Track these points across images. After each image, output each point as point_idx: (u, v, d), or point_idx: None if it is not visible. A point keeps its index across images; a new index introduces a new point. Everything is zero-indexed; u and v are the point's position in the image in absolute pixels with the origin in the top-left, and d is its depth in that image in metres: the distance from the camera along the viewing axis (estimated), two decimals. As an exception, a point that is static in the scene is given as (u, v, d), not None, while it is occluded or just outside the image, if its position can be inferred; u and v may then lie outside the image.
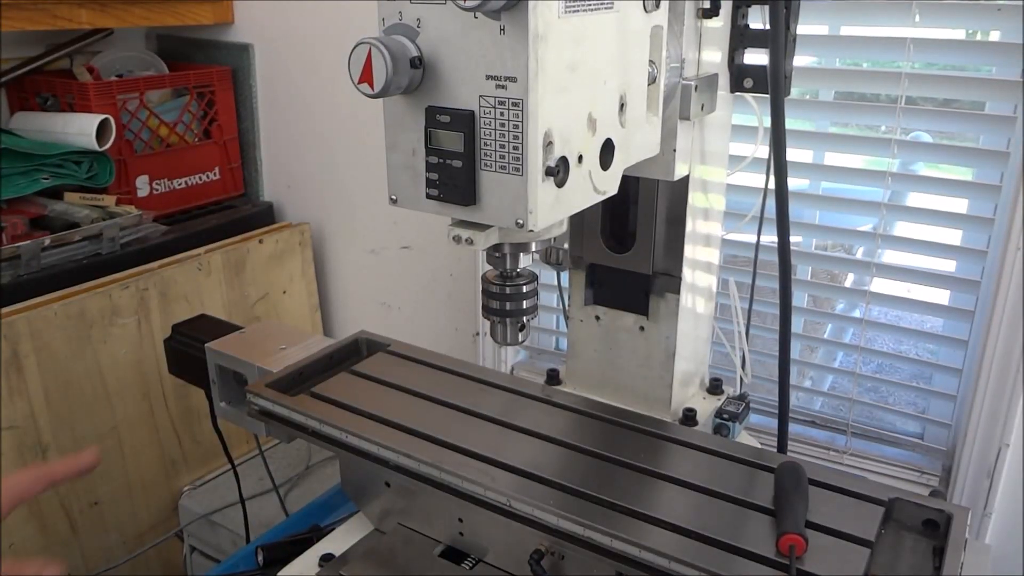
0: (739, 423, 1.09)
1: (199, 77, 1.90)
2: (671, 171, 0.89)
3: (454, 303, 1.84)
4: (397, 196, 0.75)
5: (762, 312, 1.38)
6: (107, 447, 1.62)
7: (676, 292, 1.01)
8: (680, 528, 0.77)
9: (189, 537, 1.75)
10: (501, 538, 0.87)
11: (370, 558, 0.93)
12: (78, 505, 1.58)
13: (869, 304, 1.41)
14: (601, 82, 0.72)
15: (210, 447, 1.82)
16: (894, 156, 1.31)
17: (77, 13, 1.66)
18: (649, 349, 1.05)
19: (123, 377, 1.62)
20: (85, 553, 1.62)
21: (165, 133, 1.85)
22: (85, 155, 1.67)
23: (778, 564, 0.73)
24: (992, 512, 1.32)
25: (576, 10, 0.66)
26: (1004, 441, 1.28)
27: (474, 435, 0.92)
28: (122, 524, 1.68)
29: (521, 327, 0.89)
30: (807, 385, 1.61)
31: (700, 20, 0.87)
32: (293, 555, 0.98)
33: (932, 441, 1.42)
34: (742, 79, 0.97)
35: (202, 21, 1.92)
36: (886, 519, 0.81)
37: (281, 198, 2.06)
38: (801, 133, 1.41)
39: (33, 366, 1.46)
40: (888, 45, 1.30)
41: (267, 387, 1.03)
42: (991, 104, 1.29)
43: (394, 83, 0.67)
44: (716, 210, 1.06)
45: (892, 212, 1.35)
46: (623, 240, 1.05)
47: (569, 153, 0.70)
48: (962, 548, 0.77)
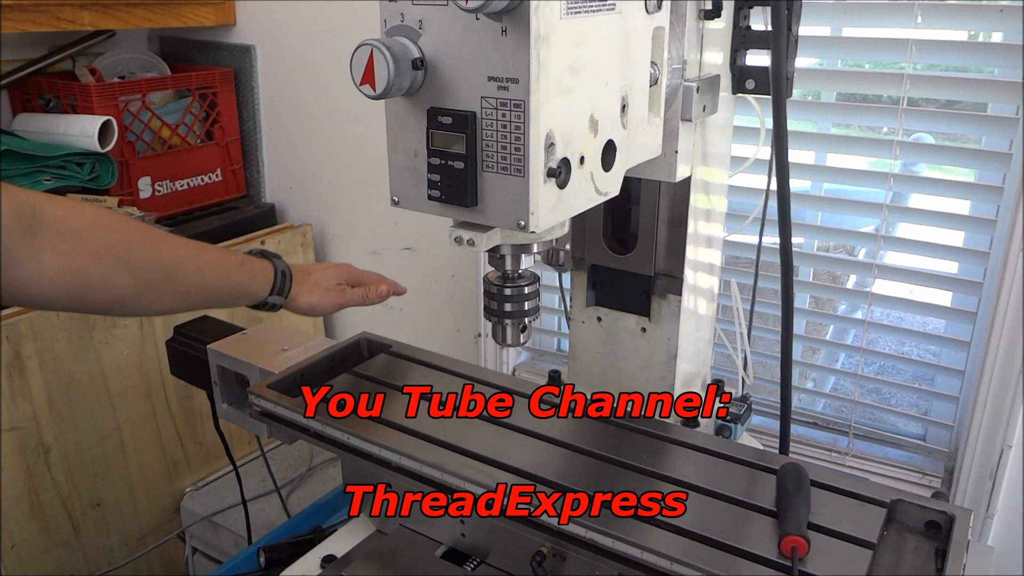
0: (741, 424, 1.09)
1: (201, 79, 1.91)
2: (673, 172, 0.89)
3: (456, 304, 1.84)
4: (399, 197, 0.75)
5: (764, 313, 1.38)
6: (109, 448, 1.62)
7: (678, 293, 1.01)
8: (682, 530, 0.77)
9: (191, 538, 1.75)
10: (503, 539, 0.87)
11: (372, 559, 0.93)
12: (80, 506, 1.59)
13: (871, 305, 1.41)
14: (603, 83, 0.72)
15: (212, 448, 1.82)
16: (896, 157, 1.31)
17: (79, 15, 1.67)
18: (651, 350, 1.05)
19: (125, 378, 1.62)
20: (87, 554, 1.62)
21: (167, 135, 1.85)
22: (87, 157, 1.67)
23: (780, 566, 0.73)
24: (994, 514, 1.32)
25: (578, 11, 0.66)
26: (1006, 442, 1.28)
27: (476, 436, 0.92)
28: (124, 525, 1.68)
29: (523, 328, 0.89)
30: (809, 386, 1.61)
31: (702, 21, 0.87)
32: (295, 556, 0.99)
33: (934, 442, 1.42)
34: (744, 80, 0.97)
35: (204, 23, 1.92)
36: (888, 521, 0.81)
37: (283, 199, 2.06)
38: (803, 134, 1.41)
39: (35, 367, 1.46)
40: (890, 46, 1.30)
41: (269, 388, 1.03)
42: (993, 105, 1.29)
43: (396, 84, 0.67)
44: (718, 211, 1.06)
45: (894, 213, 1.35)
46: (625, 241, 1.05)
47: (571, 154, 0.70)
48: (964, 550, 0.77)
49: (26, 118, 1.76)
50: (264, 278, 1.03)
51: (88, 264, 0.83)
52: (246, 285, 1.01)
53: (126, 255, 0.87)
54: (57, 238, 0.80)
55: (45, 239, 0.79)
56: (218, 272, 0.98)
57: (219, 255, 1.01)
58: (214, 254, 1.00)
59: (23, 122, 1.76)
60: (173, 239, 0.96)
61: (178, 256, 0.93)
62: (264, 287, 1.03)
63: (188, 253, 0.95)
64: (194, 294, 0.97)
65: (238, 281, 1.00)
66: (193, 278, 0.95)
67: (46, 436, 1.50)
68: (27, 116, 1.77)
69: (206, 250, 0.99)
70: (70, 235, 0.81)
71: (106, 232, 0.86)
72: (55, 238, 0.80)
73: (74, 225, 0.82)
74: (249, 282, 1.02)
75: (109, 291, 0.86)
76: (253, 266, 1.03)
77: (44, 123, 1.70)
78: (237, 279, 1.00)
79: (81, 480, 1.58)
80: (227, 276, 0.99)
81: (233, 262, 1.01)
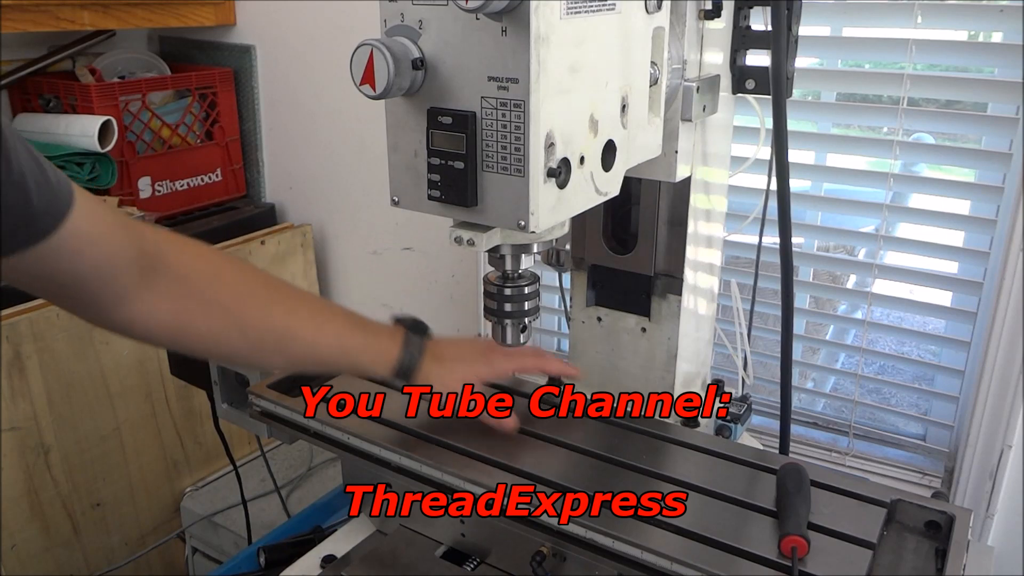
0: (741, 424, 1.09)
1: (201, 78, 1.91)
2: (673, 172, 0.89)
3: (456, 304, 1.84)
4: (399, 197, 0.76)
5: (764, 313, 1.38)
6: (109, 449, 1.62)
7: (678, 293, 1.01)
8: (682, 530, 0.77)
9: (191, 538, 1.75)
10: (503, 539, 0.87)
11: (372, 559, 0.93)
12: (80, 506, 1.59)
13: (871, 305, 1.41)
14: (603, 83, 0.72)
15: (212, 448, 1.82)
16: (896, 157, 1.31)
17: (79, 15, 1.67)
18: (651, 350, 1.05)
19: (125, 378, 1.62)
20: (87, 554, 1.62)
21: (167, 135, 1.85)
22: (87, 157, 1.67)
23: (780, 566, 0.73)
24: (994, 514, 1.32)
25: (578, 11, 0.66)
26: (1006, 442, 1.28)
27: (476, 437, 0.92)
28: (124, 525, 1.68)
29: (523, 328, 0.89)
30: (809, 386, 1.61)
31: (702, 21, 0.87)
32: (295, 556, 0.99)
33: (934, 442, 1.42)
34: (744, 80, 0.97)
35: (204, 23, 1.92)
36: (888, 521, 0.81)
37: (283, 199, 2.06)
38: (803, 134, 1.41)
39: (35, 367, 1.46)
40: (890, 46, 1.30)
41: (269, 388, 1.03)
42: (993, 105, 1.29)
43: (396, 85, 0.67)
44: (718, 211, 1.06)
45: (894, 213, 1.35)
46: (625, 241, 1.05)
47: (571, 154, 0.70)
48: (964, 550, 0.77)
49: (26, 118, 1.76)
50: (388, 358, 0.90)
51: (200, 317, 0.79)
52: (366, 364, 0.91)
53: (240, 313, 0.82)
54: (174, 283, 0.77)
55: (162, 282, 0.76)
56: (338, 344, 0.88)
57: (343, 324, 0.90)
58: (338, 322, 0.89)
59: (23, 122, 1.76)
60: (294, 298, 0.88)
61: (295, 321, 0.85)
62: (386, 368, 0.91)
63: (307, 318, 0.87)
64: (308, 361, 0.90)
65: (357, 359, 0.90)
66: (309, 347, 0.87)
67: (46, 436, 1.50)
68: (27, 116, 1.77)
69: (330, 316, 0.90)
70: (187, 282, 0.78)
71: (224, 285, 0.81)
72: (172, 283, 0.77)
73: (193, 272, 0.79)
74: (370, 362, 0.90)
75: (218, 346, 0.82)
76: (379, 342, 0.91)
77: (44, 123, 1.70)
78: (356, 355, 0.90)
79: (81, 480, 1.58)
80: (346, 350, 0.89)
81: (357, 337, 0.90)
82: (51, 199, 0.64)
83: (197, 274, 0.80)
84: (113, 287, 0.72)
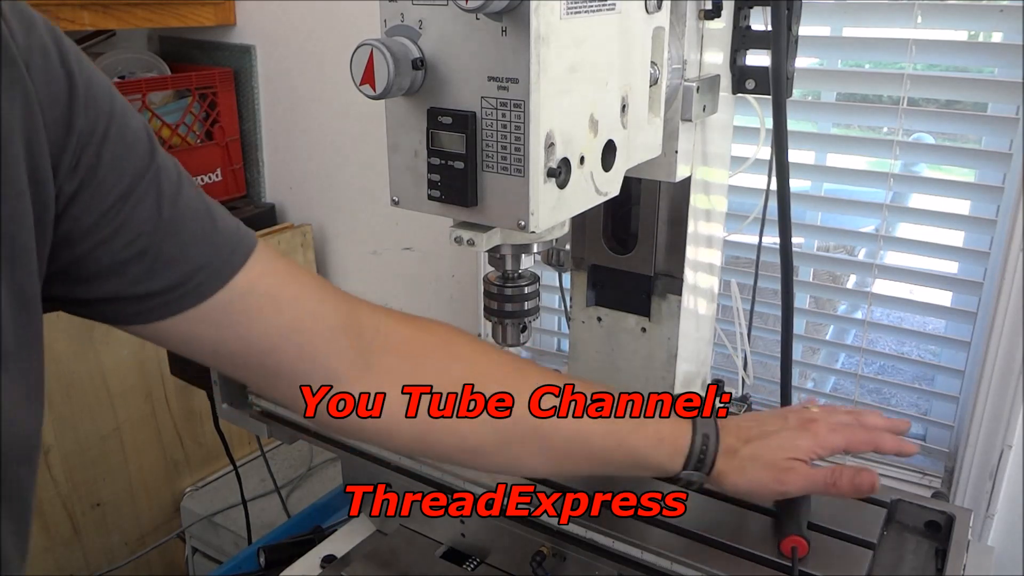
0: (741, 424, 1.09)
1: (201, 79, 1.91)
2: (673, 172, 0.89)
3: (456, 304, 1.84)
4: (399, 197, 0.75)
5: (764, 313, 1.38)
6: (109, 448, 1.62)
7: (678, 293, 1.01)
8: (682, 530, 0.77)
9: (191, 538, 1.75)
10: (503, 539, 0.87)
11: (372, 559, 0.93)
12: (80, 506, 1.59)
13: (871, 305, 1.41)
14: (603, 83, 0.72)
15: (212, 448, 1.82)
16: (896, 157, 1.31)
17: (79, 15, 1.67)
18: (651, 350, 1.05)
19: (125, 378, 1.62)
20: (87, 554, 1.62)
21: (167, 134, 1.85)
22: (87, 156, 1.67)
23: (780, 566, 0.73)
24: (994, 514, 1.32)
25: (578, 11, 0.66)
26: (1007, 442, 1.27)
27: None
28: (124, 525, 1.68)
29: (523, 328, 0.89)
30: (809, 386, 1.61)
31: (702, 21, 0.87)
32: (295, 556, 0.99)
33: (934, 442, 1.42)
34: (744, 80, 0.97)
35: (204, 23, 1.92)
36: (888, 521, 0.81)
37: (283, 199, 2.06)
38: (803, 134, 1.41)
39: (35, 367, 1.46)
40: (890, 46, 1.30)
41: (269, 388, 1.03)
42: (993, 105, 1.29)
43: (396, 85, 0.67)
44: (718, 211, 1.06)
45: (894, 213, 1.35)
46: (625, 241, 1.05)
47: (571, 154, 0.70)
48: (964, 550, 0.77)
49: (26, 118, 1.76)
50: (676, 445, 0.73)
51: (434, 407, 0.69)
52: (649, 453, 0.73)
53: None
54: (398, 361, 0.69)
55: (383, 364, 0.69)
56: (608, 430, 0.73)
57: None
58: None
59: (23, 122, 1.75)
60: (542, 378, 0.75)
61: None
62: (675, 458, 0.72)
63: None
64: (574, 455, 0.73)
65: (636, 445, 0.73)
66: (572, 435, 0.72)
67: (46, 436, 1.50)
68: (27, 116, 1.77)
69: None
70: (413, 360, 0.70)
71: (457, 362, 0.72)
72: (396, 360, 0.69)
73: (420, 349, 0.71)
74: (653, 448, 0.73)
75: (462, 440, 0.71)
76: (660, 426, 0.74)
77: (44, 123, 1.70)
78: (635, 441, 0.73)
79: (81, 480, 1.58)
80: (621, 436, 0.72)
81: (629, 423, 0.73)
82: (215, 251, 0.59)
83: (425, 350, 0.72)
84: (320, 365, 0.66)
